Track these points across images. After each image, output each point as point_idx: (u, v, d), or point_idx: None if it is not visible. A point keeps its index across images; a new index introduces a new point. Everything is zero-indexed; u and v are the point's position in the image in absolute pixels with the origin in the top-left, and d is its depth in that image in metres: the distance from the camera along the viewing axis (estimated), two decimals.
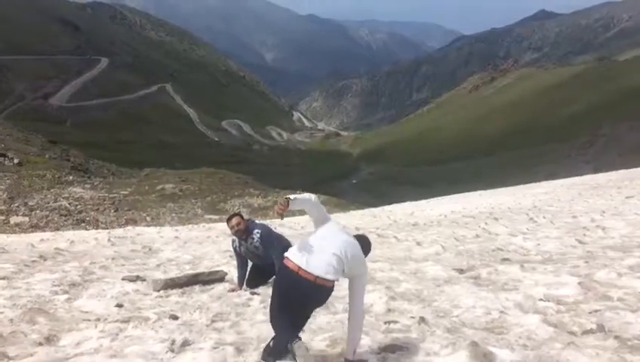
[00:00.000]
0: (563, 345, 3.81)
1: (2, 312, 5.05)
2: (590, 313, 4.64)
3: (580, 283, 5.61)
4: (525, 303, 5.07)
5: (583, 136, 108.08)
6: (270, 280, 6.68)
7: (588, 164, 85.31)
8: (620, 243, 8.58)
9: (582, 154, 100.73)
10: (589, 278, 5.89)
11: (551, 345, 3.85)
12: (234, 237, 6.66)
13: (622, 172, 34.38)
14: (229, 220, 6.55)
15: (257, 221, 7.14)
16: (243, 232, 6.45)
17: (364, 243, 3.91)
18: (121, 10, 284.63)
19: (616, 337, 3.94)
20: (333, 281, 3.54)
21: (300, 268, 3.46)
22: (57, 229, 23.59)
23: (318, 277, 3.44)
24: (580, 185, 27.09)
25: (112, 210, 31.68)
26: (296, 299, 3.50)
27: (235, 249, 6.71)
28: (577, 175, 40.71)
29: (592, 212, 13.89)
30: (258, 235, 6.47)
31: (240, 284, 6.59)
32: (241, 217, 6.58)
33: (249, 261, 6.72)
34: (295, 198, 3.59)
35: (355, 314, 3.74)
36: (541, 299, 5.23)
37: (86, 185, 38.44)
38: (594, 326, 4.19)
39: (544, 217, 13.82)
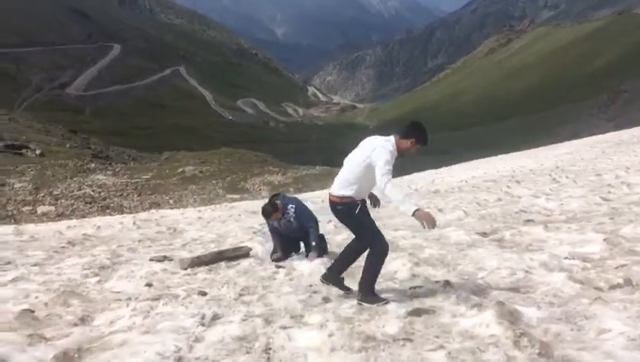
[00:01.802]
0: (590, 300, 3.80)
1: (37, 297, 5.18)
2: (617, 268, 4.61)
3: (605, 240, 5.56)
4: (550, 262, 5.05)
5: (603, 93, 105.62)
6: (294, 253, 6.80)
7: (610, 121, 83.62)
8: None
9: (603, 112, 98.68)
10: (614, 234, 5.84)
11: (578, 301, 3.85)
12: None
13: None
14: (267, 217, 6.65)
15: (288, 195, 7.22)
16: (281, 214, 6.59)
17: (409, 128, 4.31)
18: None
19: None
20: (342, 196, 4.32)
21: (329, 193, 4.44)
22: (83, 217, 24.02)
23: (331, 194, 4.40)
24: (604, 143, 26.64)
25: (135, 195, 32.13)
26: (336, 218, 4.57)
27: (269, 225, 6.84)
28: (600, 133, 39.97)
29: (616, 169, 13.68)
30: (293, 210, 6.60)
31: (280, 251, 6.73)
32: (276, 208, 6.59)
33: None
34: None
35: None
36: (566, 258, 5.21)
37: (108, 172, 38.98)
38: (621, 281, 4.17)
39: (567, 177, 13.66)
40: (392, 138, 4.29)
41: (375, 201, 4.70)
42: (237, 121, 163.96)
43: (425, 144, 4.29)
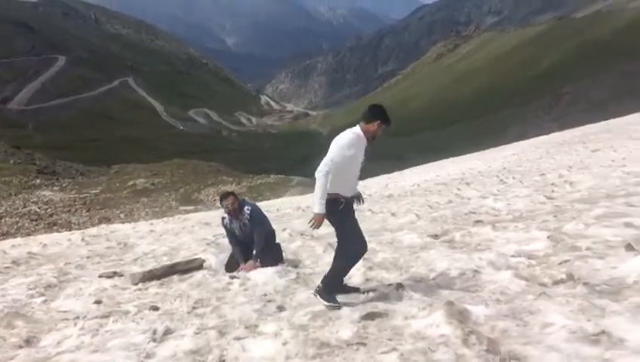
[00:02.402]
0: (535, 296, 3.93)
1: None
2: (560, 264, 4.79)
3: (549, 237, 5.78)
4: (498, 261, 5.20)
5: (547, 95, 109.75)
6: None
7: (554, 122, 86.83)
8: (586, 196, 8.82)
9: (547, 114, 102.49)
10: (557, 231, 6.06)
11: (523, 297, 3.98)
12: (224, 215, 6.76)
13: (587, 127, 35.14)
14: (222, 199, 6.65)
15: (247, 200, 7.20)
16: (236, 210, 6.57)
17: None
18: (74, 5, 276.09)
19: (585, 284, 4.08)
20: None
21: None
22: (29, 235, 23.18)
23: None
24: (547, 144, 27.64)
25: (84, 211, 31.25)
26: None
27: (225, 226, 6.77)
28: (544, 134, 41.46)
29: (559, 168, 14.22)
30: (248, 211, 6.63)
31: (241, 260, 6.58)
32: (235, 196, 6.71)
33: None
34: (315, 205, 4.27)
35: None
36: (513, 256, 5.38)
37: (54, 188, 37.75)
38: (564, 276, 4.33)
39: (513, 177, 14.10)
40: (356, 127, 4.41)
41: (358, 198, 4.71)
42: (189, 132, 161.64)
43: (389, 123, 4.39)
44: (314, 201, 4.25)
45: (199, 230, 13.87)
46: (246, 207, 6.67)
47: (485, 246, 5.99)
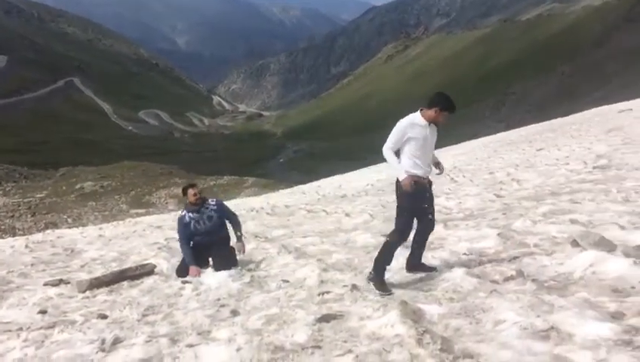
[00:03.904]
0: (486, 293, 4.00)
1: None
2: (510, 261, 4.90)
3: (499, 235, 5.91)
4: (450, 259, 5.28)
5: (495, 96, 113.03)
6: (204, 267, 6.48)
7: (501, 122, 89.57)
8: (533, 193, 9.09)
9: (495, 114, 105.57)
10: (507, 229, 6.21)
11: (475, 294, 4.04)
12: (184, 213, 6.61)
13: (532, 126, 36.35)
14: (187, 190, 6.60)
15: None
16: (201, 201, 6.55)
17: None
18: (16, 3, 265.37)
19: (534, 280, 4.19)
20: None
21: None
22: None
23: None
24: (496, 143, 28.43)
25: (29, 215, 30.09)
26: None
27: (184, 224, 6.57)
28: (492, 134, 42.62)
29: (507, 167, 14.62)
30: (213, 204, 6.64)
31: (193, 263, 6.38)
32: (197, 186, 6.75)
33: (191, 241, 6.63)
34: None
35: None
36: (465, 254, 5.48)
37: None
38: (514, 273, 4.43)
39: (464, 176, 14.41)
40: (416, 112, 4.68)
41: (437, 165, 4.96)
42: (139, 133, 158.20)
43: (450, 110, 4.58)
44: (396, 170, 4.61)
45: (150, 234, 13.56)
46: (210, 200, 6.70)
47: (438, 245, 6.07)
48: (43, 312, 5.35)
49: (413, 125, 4.57)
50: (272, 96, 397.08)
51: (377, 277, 4.62)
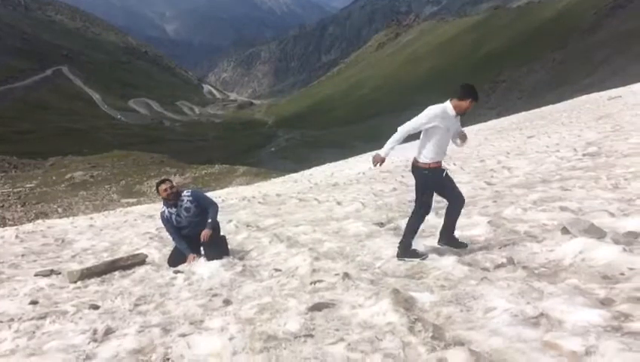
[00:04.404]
0: (477, 281, 4.02)
1: None
2: (500, 248, 4.93)
3: (489, 222, 5.94)
4: (441, 247, 5.30)
5: (485, 83, 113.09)
6: (198, 256, 6.49)
7: (492, 109, 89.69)
8: (524, 181, 9.14)
9: (485, 101, 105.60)
10: (497, 216, 6.25)
11: (466, 282, 4.06)
12: (163, 208, 6.56)
13: (522, 114, 36.45)
14: (158, 186, 6.48)
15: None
16: (175, 196, 6.41)
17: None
18: None
19: (524, 267, 4.22)
20: (416, 161, 5.05)
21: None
22: None
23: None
24: (486, 131, 28.47)
25: (19, 205, 29.89)
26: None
27: (166, 219, 6.54)
28: (483, 121, 42.69)
29: (498, 154, 14.67)
30: (188, 195, 6.50)
31: (189, 252, 6.39)
32: (170, 182, 6.57)
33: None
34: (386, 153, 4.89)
35: None
36: None
37: None
38: (504, 260, 4.46)
39: (454, 164, 14.45)
40: (446, 102, 4.92)
41: (462, 137, 5.28)
42: (130, 122, 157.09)
43: (475, 99, 4.90)
44: (384, 148, 4.89)
45: (142, 223, 13.51)
46: (184, 192, 6.55)
47: (429, 233, 6.09)
48: (34, 303, 5.33)
49: (444, 115, 4.86)
50: (263, 84, 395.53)
51: (405, 249, 5.04)
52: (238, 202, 16.52)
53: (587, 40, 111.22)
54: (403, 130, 4.87)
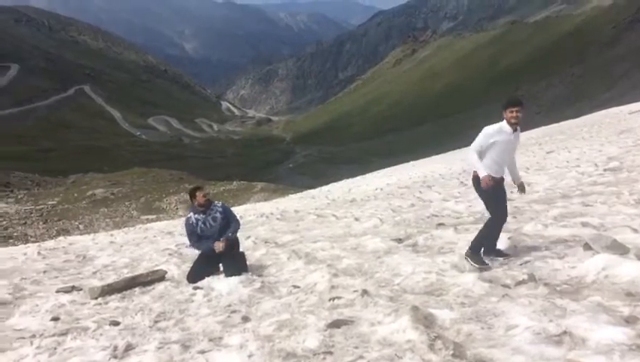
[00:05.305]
0: (498, 298, 3.98)
1: None
2: (521, 265, 4.87)
3: (509, 238, 5.87)
4: (461, 263, 5.25)
5: (502, 97, 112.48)
6: (215, 273, 6.54)
7: None
8: (544, 196, 9.03)
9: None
10: (517, 232, 6.18)
11: (487, 299, 4.01)
12: (190, 214, 6.65)
13: (541, 128, 36.12)
14: (195, 191, 6.61)
15: None
16: (208, 203, 6.60)
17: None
18: (26, 12, 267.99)
19: (546, 284, 4.16)
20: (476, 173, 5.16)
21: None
22: None
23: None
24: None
25: (41, 222, 30.29)
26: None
27: (191, 225, 6.61)
28: None
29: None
30: (219, 206, 6.68)
31: (211, 247, 6.47)
32: (203, 188, 6.80)
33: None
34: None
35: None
36: None
37: (9, 200, 36.50)
38: (525, 277, 4.40)
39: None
40: (503, 121, 5.18)
41: (521, 189, 5.63)
42: (149, 140, 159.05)
43: (515, 105, 5.08)
44: (478, 169, 5.09)
45: (161, 240, 13.60)
46: (216, 202, 6.77)
47: (448, 249, 6.05)
48: (56, 319, 5.38)
49: (500, 131, 5.13)
50: (281, 101, 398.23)
51: (474, 253, 5.12)
52: (256, 218, 16.56)
53: (606, 54, 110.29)
54: (471, 151, 5.21)
